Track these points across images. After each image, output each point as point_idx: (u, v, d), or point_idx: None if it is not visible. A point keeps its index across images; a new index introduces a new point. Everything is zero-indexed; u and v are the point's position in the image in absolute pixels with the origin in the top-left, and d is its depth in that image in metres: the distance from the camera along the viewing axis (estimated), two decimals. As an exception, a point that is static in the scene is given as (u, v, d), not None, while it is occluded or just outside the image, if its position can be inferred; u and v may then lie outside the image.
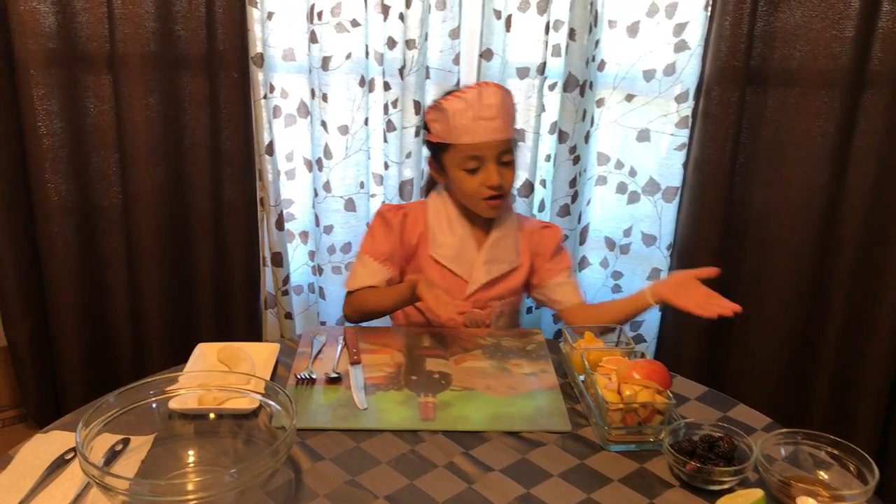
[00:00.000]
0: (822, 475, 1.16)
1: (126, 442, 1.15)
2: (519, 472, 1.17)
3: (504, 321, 1.77)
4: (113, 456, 1.12)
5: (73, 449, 1.16)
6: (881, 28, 1.84)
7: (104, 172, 2.04)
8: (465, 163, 1.63)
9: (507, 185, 1.66)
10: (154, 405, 1.18)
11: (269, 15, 1.97)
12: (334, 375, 1.40)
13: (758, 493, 1.06)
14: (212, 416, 1.21)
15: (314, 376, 1.40)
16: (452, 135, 1.62)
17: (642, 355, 1.37)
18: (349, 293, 1.74)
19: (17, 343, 2.09)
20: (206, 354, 1.45)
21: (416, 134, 2.06)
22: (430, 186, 1.83)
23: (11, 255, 2.01)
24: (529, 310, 2.23)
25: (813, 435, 1.18)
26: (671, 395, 1.25)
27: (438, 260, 1.72)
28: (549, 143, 2.10)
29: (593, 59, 2.03)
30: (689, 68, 1.99)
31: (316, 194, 2.13)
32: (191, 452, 1.17)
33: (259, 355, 1.44)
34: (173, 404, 1.20)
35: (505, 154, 1.64)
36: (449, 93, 1.66)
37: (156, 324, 2.14)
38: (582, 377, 1.37)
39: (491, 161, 1.62)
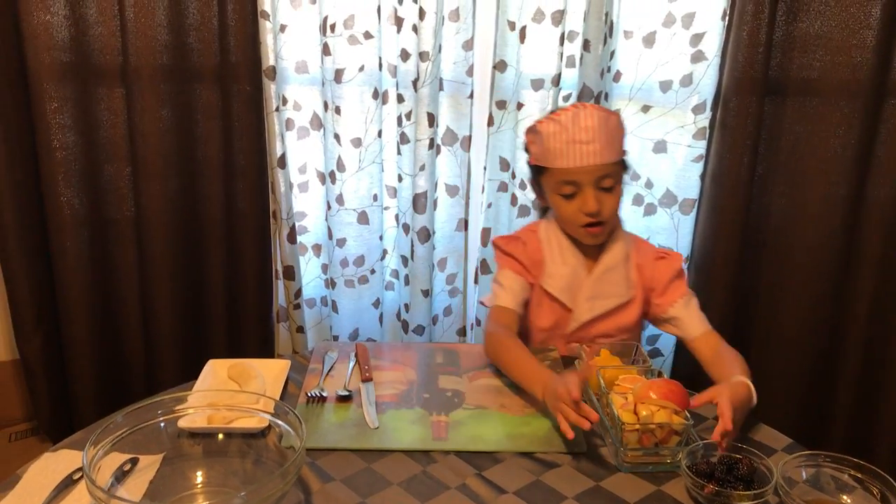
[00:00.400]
0: (845, 499, 1.12)
1: (135, 461, 1.13)
2: (533, 495, 1.15)
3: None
4: (122, 475, 1.11)
5: (81, 468, 1.15)
6: (903, 36, 1.81)
7: (117, 185, 2.04)
8: (561, 187, 1.55)
9: (607, 213, 1.55)
10: (163, 424, 1.16)
11: (282, 27, 1.97)
12: (345, 393, 1.38)
13: None
14: (220, 436, 1.19)
15: (325, 394, 1.38)
16: (547, 158, 1.55)
17: (660, 374, 1.34)
18: (496, 313, 1.60)
19: (30, 356, 2.09)
20: (216, 371, 1.43)
21: (430, 146, 2.04)
22: (545, 210, 1.74)
23: (24, 268, 2.01)
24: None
25: (835, 457, 1.15)
26: (688, 415, 1.22)
27: (549, 291, 1.62)
28: (563, 155, 2.08)
29: (608, 70, 2.01)
30: (707, 79, 1.96)
31: (329, 207, 2.12)
32: (199, 473, 1.15)
33: (269, 372, 1.43)
34: (182, 423, 1.18)
35: (605, 179, 1.53)
36: (547, 114, 1.59)
37: (168, 336, 2.13)
38: (598, 396, 1.35)
39: (588, 186, 1.53)
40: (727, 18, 1.91)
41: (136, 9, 1.88)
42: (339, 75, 2.00)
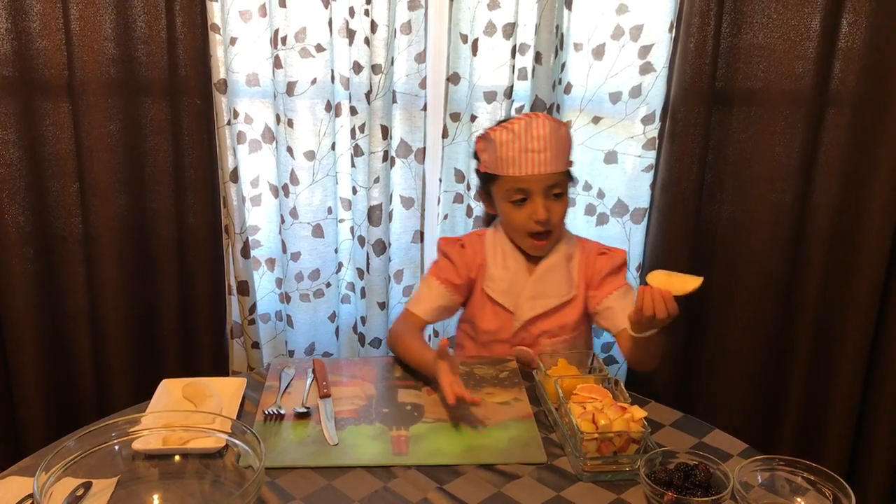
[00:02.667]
0: (799, 501, 1.15)
1: (88, 486, 1.11)
2: (495, 507, 1.15)
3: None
4: (75, 501, 1.08)
5: (31, 495, 1.11)
6: (841, 47, 1.86)
7: (64, 202, 1.99)
8: (512, 195, 1.61)
9: (556, 220, 1.62)
10: (117, 447, 1.14)
11: (233, 40, 1.95)
12: (303, 410, 1.37)
13: None
14: (176, 457, 1.17)
15: (283, 412, 1.37)
16: (499, 166, 1.60)
17: (616, 383, 1.36)
18: (404, 314, 1.71)
19: (-26, 380, 2.03)
20: (170, 391, 1.41)
21: (384, 158, 2.04)
22: (489, 219, 1.81)
23: (-33, 289, 1.95)
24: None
25: (789, 461, 1.17)
26: (646, 422, 1.24)
27: (490, 294, 1.68)
28: (517, 166, 2.09)
29: (560, 83, 2.03)
30: (655, 90, 1.99)
31: (283, 220, 2.10)
32: (156, 496, 1.13)
33: (225, 390, 1.41)
34: (137, 445, 1.16)
35: (554, 188, 1.61)
36: (499, 123, 1.65)
37: (120, 356, 2.08)
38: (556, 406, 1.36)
39: (538, 194, 1.59)
40: (674, 30, 1.95)
41: (81, 21, 1.84)
42: (290, 88, 1.98)
